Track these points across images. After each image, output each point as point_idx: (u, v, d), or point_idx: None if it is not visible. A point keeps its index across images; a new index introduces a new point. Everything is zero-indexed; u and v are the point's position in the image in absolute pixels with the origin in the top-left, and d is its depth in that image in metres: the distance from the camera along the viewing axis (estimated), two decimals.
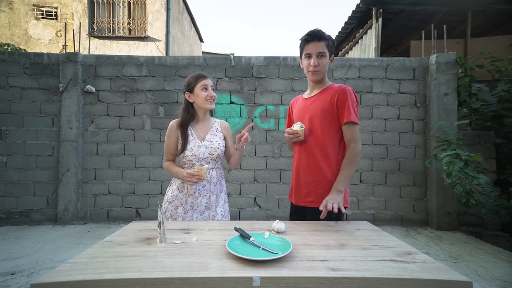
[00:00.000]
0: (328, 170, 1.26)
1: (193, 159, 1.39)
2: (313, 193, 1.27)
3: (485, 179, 2.55)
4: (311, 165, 1.28)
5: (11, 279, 1.95)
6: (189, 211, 1.38)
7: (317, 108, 1.28)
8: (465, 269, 2.16)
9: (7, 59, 3.30)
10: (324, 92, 1.30)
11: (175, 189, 1.41)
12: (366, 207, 3.34)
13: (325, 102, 1.26)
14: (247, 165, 3.39)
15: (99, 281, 0.67)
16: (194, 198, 1.39)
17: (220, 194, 1.47)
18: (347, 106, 1.22)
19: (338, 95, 1.24)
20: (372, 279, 0.68)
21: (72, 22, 7.20)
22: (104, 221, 3.34)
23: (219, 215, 1.43)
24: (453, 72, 3.20)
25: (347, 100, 1.22)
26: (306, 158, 1.30)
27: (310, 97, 1.34)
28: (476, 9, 4.56)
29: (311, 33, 1.25)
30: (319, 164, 1.26)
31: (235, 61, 3.42)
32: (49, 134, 3.31)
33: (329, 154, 1.26)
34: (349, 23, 5.51)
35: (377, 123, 3.36)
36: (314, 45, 1.25)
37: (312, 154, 1.28)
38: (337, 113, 1.24)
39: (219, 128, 1.51)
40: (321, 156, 1.26)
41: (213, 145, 1.43)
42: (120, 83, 3.40)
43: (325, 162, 1.26)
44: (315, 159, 1.27)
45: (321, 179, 1.26)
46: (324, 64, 1.26)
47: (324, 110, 1.25)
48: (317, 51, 1.24)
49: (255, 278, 0.68)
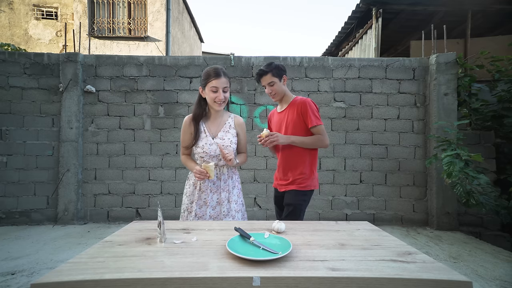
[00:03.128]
0: (301, 163, 1.63)
1: (204, 156, 1.42)
2: (288, 180, 1.64)
3: (485, 179, 2.54)
4: (289, 160, 1.64)
5: (11, 279, 1.95)
6: (203, 206, 1.42)
7: (288, 119, 1.63)
8: (465, 269, 2.15)
9: (7, 59, 3.30)
10: (291, 106, 1.64)
11: (191, 184, 1.47)
12: (366, 207, 3.34)
13: (293, 114, 1.62)
14: (247, 165, 3.39)
15: (99, 281, 0.67)
16: (206, 194, 1.42)
17: (233, 190, 1.47)
18: (308, 115, 1.57)
19: (300, 108, 1.59)
20: (372, 279, 0.68)
21: (72, 22, 7.20)
22: (104, 221, 3.34)
23: (233, 211, 1.43)
24: (453, 72, 3.20)
25: (307, 111, 1.57)
26: (285, 156, 1.66)
27: (282, 111, 1.70)
28: (476, 9, 4.56)
29: (257, 73, 1.64)
30: (294, 159, 1.63)
31: (235, 61, 3.42)
32: (49, 134, 3.31)
33: (300, 151, 1.62)
34: (349, 23, 5.51)
35: (377, 123, 3.36)
36: (263, 79, 1.62)
37: (290, 153, 1.64)
38: (303, 120, 1.59)
39: (232, 124, 1.50)
40: (293, 153, 1.63)
41: (225, 143, 1.43)
42: (120, 83, 3.40)
43: (298, 157, 1.63)
44: (292, 156, 1.64)
45: (295, 170, 1.64)
46: (277, 89, 1.62)
47: (294, 120, 1.61)
48: (267, 82, 1.62)
49: (255, 278, 0.68)
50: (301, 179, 1.60)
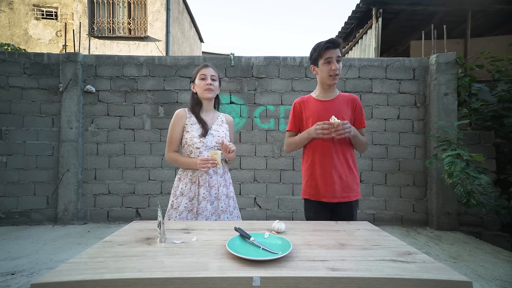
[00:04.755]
0: (353, 166, 1.42)
1: (201, 146, 1.39)
2: (348, 188, 1.38)
3: (486, 179, 2.54)
4: (342, 161, 1.39)
5: (11, 279, 1.95)
6: (202, 202, 1.38)
7: (341, 111, 1.39)
8: (465, 269, 2.15)
9: (7, 59, 3.30)
10: (341, 98, 1.44)
11: (187, 181, 1.40)
12: (366, 207, 3.34)
13: (347, 109, 1.41)
14: (247, 165, 3.39)
15: (99, 281, 0.67)
16: (205, 188, 1.39)
17: (230, 186, 1.49)
18: (363, 114, 1.45)
19: (356, 104, 1.43)
20: (372, 279, 0.68)
21: (72, 22, 7.20)
22: (104, 221, 3.34)
23: (231, 207, 1.45)
24: (453, 72, 3.20)
25: (362, 109, 1.45)
26: (337, 155, 1.38)
27: (329, 100, 1.43)
28: (476, 9, 4.56)
29: (331, 40, 1.36)
30: (348, 161, 1.40)
31: (235, 61, 3.42)
32: (49, 134, 3.31)
33: (352, 152, 1.44)
34: (349, 23, 5.51)
35: (377, 123, 3.36)
36: (333, 51, 1.35)
37: (342, 152, 1.39)
38: (354, 117, 1.42)
39: (224, 120, 1.54)
40: (349, 154, 1.41)
41: (220, 134, 1.45)
42: (120, 83, 3.40)
43: (350, 159, 1.41)
44: (345, 156, 1.39)
45: (351, 174, 1.40)
46: (341, 68, 1.39)
47: (349, 116, 1.40)
48: (337, 55, 1.35)
49: (255, 278, 0.68)
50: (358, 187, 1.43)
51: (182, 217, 1.36)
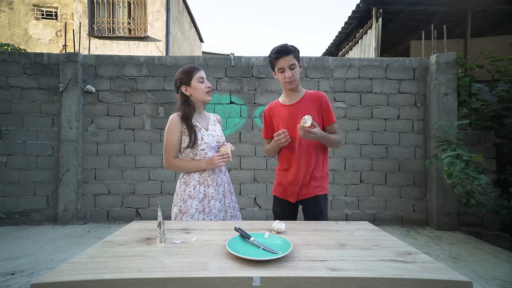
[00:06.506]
0: (322, 166, 1.47)
1: (206, 147, 1.40)
2: (314, 187, 1.43)
3: (486, 180, 2.54)
4: (314, 161, 1.43)
5: (11, 279, 1.95)
6: (211, 201, 1.39)
7: (306, 112, 1.38)
8: (465, 269, 2.15)
9: (7, 59, 3.30)
10: (307, 98, 1.46)
11: (195, 183, 1.38)
12: (366, 207, 3.34)
13: (311, 107, 1.43)
14: (247, 165, 3.39)
15: (99, 281, 0.67)
16: (214, 187, 1.40)
17: (230, 183, 1.53)
18: (330, 111, 1.45)
19: (322, 101, 1.44)
20: (372, 279, 0.68)
21: (72, 22, 7.20)
22: (104, 221, 3.34)
23: (233, 202, 1.50)
24: (453, 72, 3.20)
25: (329, 105, 1.46)
26: (308, 156, 1.42)
27: (294, 104, 1.47)
28: (476, 9, 4.56)
29: (279, 50, 1.37)
30: (318, 162, 1.44)
31: (235, 61, 3.42)
32: (49, 134, 3.31)
33: (319, 152, 1.46)
34: (349, 23, 5.51)
35: (377, 123, 3.36)
36: (284, 60, 1.36)
37: (309, 156, 1.43)
38: (321, 115, 1.44)
39: (215, 119, 1.58)
40: (315, 156, 1.44)
41: (217, 134, 1.48)
42: (120, 83, 3.40)
43: (321, 160, 1.46)
44: (313, 158, 1.43)
45: (322, 173, 1.46)
46: (296, 74, 1.40)
47: (311, 114, 1.38)
48: (288, 64, 1.37)
49: (255, 278, 0.68)
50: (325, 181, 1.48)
51: (195, 219, 1.35)
